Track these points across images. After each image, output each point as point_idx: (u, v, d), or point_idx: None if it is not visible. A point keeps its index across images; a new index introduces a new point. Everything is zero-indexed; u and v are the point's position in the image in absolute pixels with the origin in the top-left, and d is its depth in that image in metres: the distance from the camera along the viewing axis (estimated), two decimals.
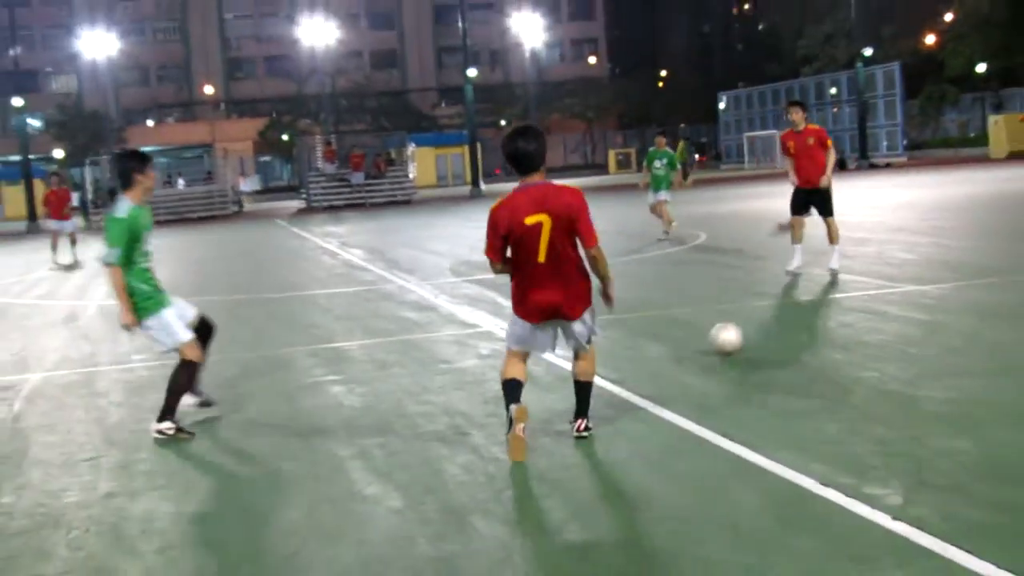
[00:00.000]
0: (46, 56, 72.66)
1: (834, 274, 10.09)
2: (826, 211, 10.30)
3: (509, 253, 4.97)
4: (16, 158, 44.47)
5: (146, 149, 45.99)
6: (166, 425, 5.72)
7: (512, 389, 4.97)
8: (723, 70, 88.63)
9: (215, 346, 6.01)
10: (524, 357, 5.11)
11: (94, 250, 21.92)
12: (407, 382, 6.73)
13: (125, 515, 4.50)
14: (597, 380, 6.27)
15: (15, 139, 43.30)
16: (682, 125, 71.95)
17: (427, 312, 9.80)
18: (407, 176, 41.40)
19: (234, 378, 7.35)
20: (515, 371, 5.04)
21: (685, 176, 37.79)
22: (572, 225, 4.89)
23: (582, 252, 5.01)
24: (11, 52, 41.85)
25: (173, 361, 5.94)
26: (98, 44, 60.60)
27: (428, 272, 13.34)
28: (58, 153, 61.48)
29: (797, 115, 10.36)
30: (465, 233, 19.30)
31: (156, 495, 4.76)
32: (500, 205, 4.96)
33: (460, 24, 48.68)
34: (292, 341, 8.52)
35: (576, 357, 5.19)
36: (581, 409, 5.20)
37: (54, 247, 19.47)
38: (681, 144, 44.03)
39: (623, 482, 4.50)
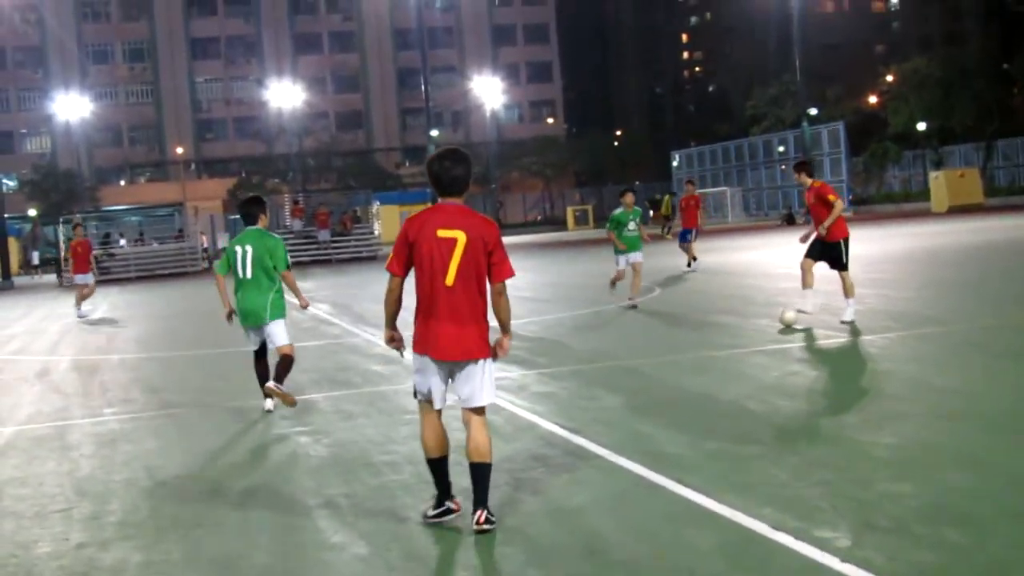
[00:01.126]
0: (21, 117, 73.13)
1: (849, 324, 10.17)
2: (839, 265, 10.49)
3: (414, 274, 4.63)
4: None
5: (118, 208, 45.63)
6: (283, 388, 7.58)
7: (440, 474, 4.69)
8: (675, 129, 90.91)
9: (188, 399, 6.19)
10: (439, 415, 4.74)
11: (69, 307, 21.72)
12: (372, 432, 6.84)
13: (96, 565, 4.54)
14: (555, 429, 6.44)
15: None
16: (636, 182, 73.33)
17: (391, 364, 9.89)
18: (372, 233, 41.97)
19: (206, 428, 7.49)
20: (434, 441, 4.67)
21: (669, 230, 38.43)
22: (486, 251, 4.57)
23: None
24: None
25: (149, 414, 6.04)
26: (72, 106, 61.12)
27: None
28: (32, 212, 61.25)
29: (797, 176, 10.77)
30: None
31: (127, 545, 4.79)
32: (414, 216, 4.71)
33: (423, 87, 49.51)
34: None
35: (468, 429, 4.68)
36: (479, 497, 4.59)
37: (79, 301, 18.83)
38: (667, 198, 44.59)
39: (581, 528, 4.56)
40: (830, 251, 10.51)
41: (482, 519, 4.54)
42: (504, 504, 4.96)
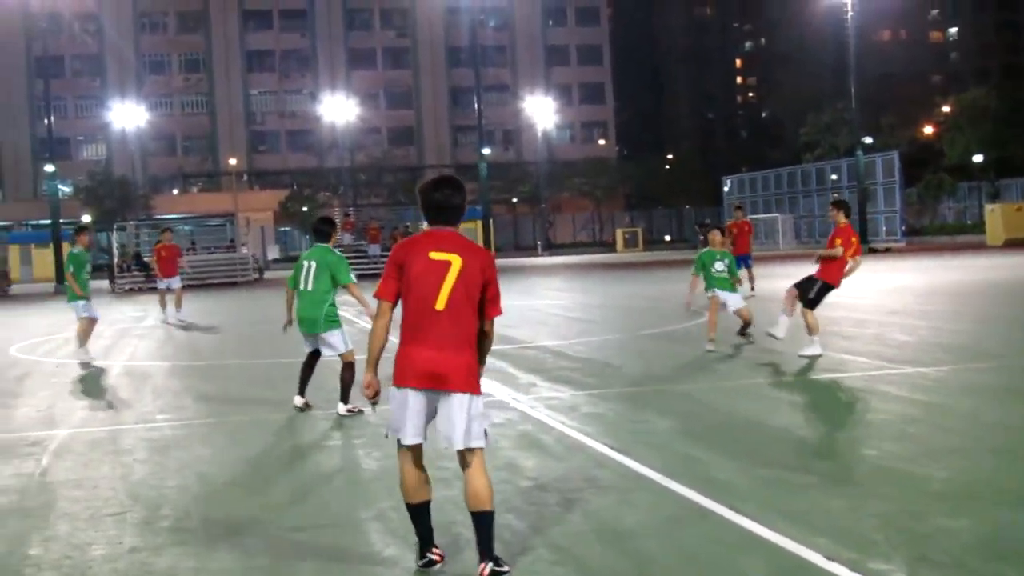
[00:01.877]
0: (78, 125, 74.46)
1: (809, 359, 10.18)
2: (806, 300, 10.57)
3: (402, 300, 4.36)
4: (46, 222, 45.56)
5: (171, 217, 46.48)
6: (349, 406, 8.09)
7: (420, 521, 4.38)
8: (727, 154, 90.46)
9: (238, 407, 6.30)
10: (418, 457, 4.37)
11: (121, 313, 22.23)
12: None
13: (149, 569, 4.59)
14: (606, 450, 6.42)
15: (46, 203, 44.38)
16: (687, 207, 73.00)
17: None
18: None
19: (256, 438, 7.56)
20: (412, 484, 4.34)
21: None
22: (483, 281, 4.26)
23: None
24: (45, 120, 43.16)
25: (200, 421, 6.14)
26: (128, 115, 62.48)
27: None
28: (86, 218, 62.65)
29: (835, 213, 10.76)
30: None
31: (179, 551, 4.84)
32: (404, 240, 4.48)
33: (475, 105, 49.91)
34: (310, 403, 8.62)
35: (465, 472, 4.29)
36: (483, 548, 4.23)
37: (163, 305, 19.37)
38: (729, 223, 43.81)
39: (631, 551, 4.56)
40: (809, 283, 10.58)
41: (486, 571, 4.17)
42: (554, 524, 4.97)
